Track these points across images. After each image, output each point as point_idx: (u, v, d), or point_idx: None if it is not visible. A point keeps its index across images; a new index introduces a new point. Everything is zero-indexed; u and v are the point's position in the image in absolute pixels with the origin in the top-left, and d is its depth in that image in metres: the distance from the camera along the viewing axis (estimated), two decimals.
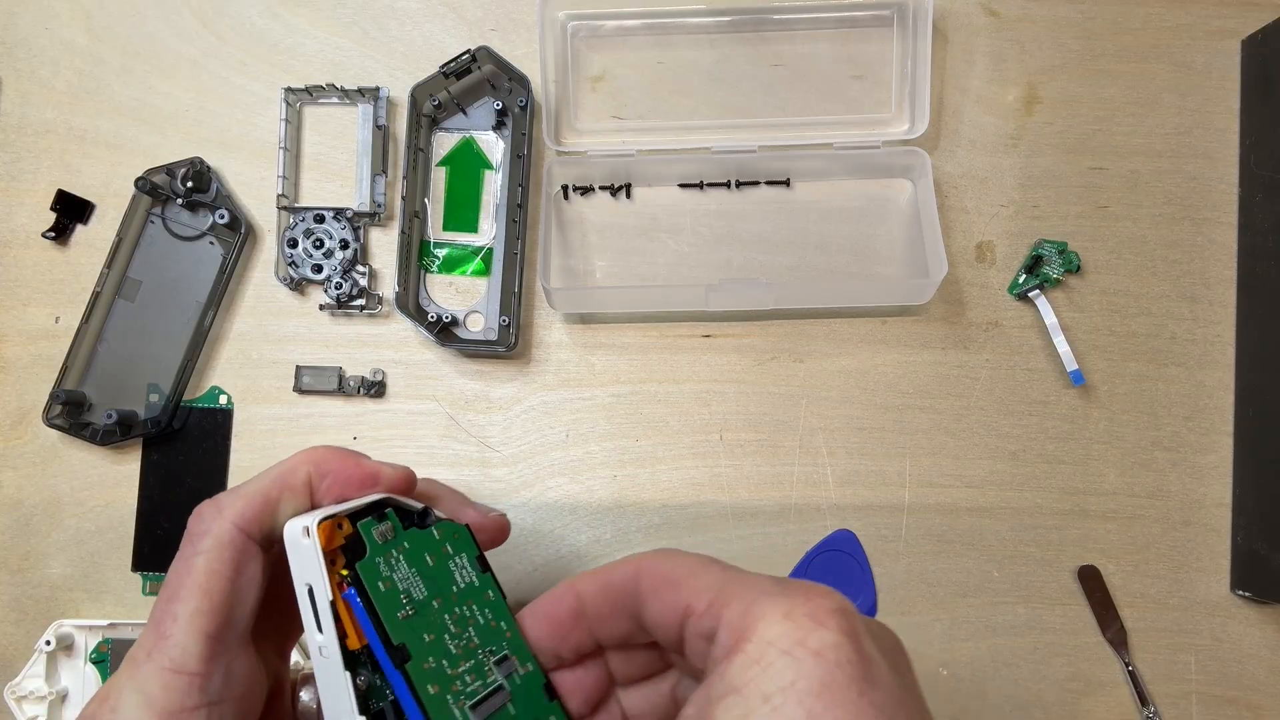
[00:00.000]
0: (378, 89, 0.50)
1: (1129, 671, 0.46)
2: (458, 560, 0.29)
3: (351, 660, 0.27)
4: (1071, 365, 0.48)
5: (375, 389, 0.49)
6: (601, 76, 0.51)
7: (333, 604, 0.27)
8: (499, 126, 0.50)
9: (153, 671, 0.27)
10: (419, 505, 0.30)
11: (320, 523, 0.27)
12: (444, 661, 0.27)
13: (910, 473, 0.48)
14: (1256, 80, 0.49)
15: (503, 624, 0.29)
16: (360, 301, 0.49)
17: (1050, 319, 0.48)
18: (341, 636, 0.27)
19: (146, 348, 0.49)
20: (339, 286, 0.49)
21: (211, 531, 0.29)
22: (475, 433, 0.49)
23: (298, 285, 0.50)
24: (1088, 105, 0.50)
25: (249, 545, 0.29)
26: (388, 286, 0.50)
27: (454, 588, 0.29)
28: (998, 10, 0.51)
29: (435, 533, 0.29)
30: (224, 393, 0.50)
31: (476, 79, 0.50)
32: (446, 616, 0.28)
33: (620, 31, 0.51)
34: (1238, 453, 0.48)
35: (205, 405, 0.49)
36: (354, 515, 0.28)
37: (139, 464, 0.49)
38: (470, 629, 0.28)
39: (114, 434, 0.48)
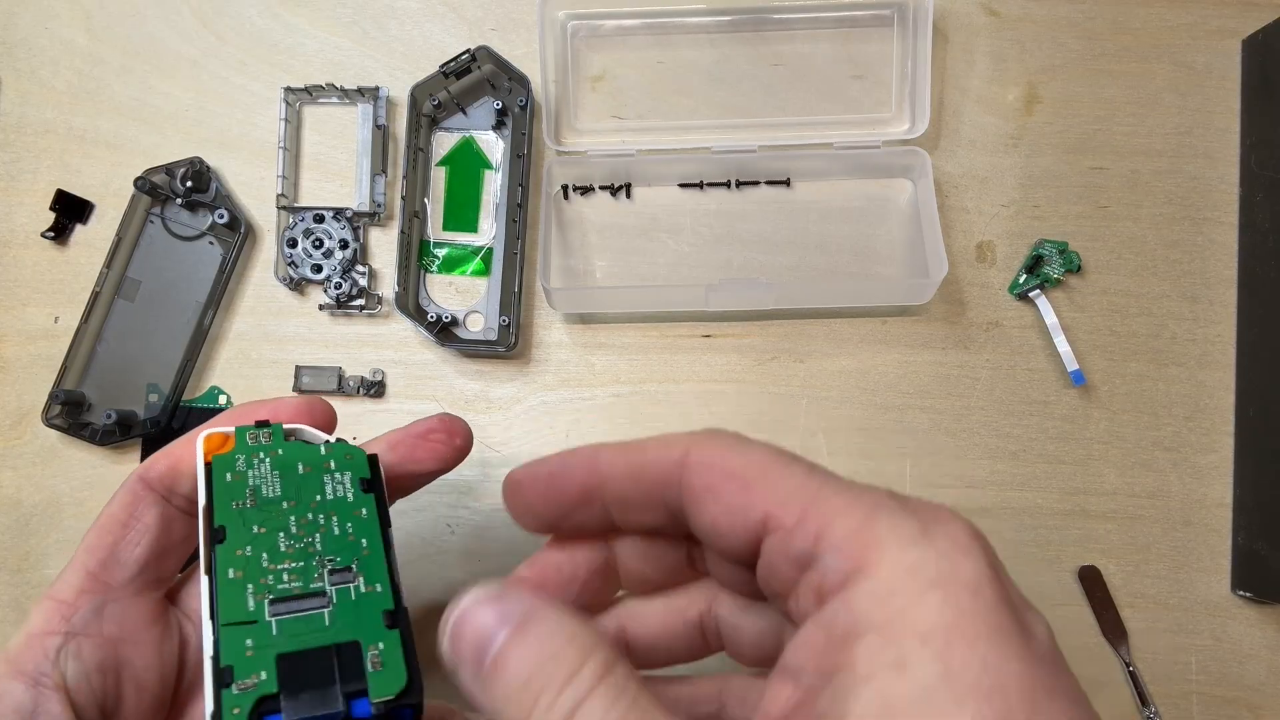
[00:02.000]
0: (378, 89, 0.50)
1: (1129, 672, 0.46)
2: (338, 476, 0.28)
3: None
4: (1072, 365, 0.48)
5: (375, 389, 0.49)
6: (601, 76, 0.51)
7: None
8: (499, 126, 0.50)
9: (39, 600, 0.28)
10: (326, 436, 0.30)
11: (207, 435, 0.28)
12: (264, 554, 0.26)
13: (910, 473, 0.48)
14: (1256, 80, 0.49)
15: (364, 541, 0.27)
16: (360, 301, 0.49)
17: (1051, 319, 0.48)
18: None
19: (146, 348, 0.49)
20: (339, 286, 0.49)
21: (122, 485, 0.30)
22: (475, 433, 0.49)
23: (297, 285, 0.50)
24: (1088, 105, 0.50)
25: (146, 493, 0.30)
26: (387, 286, 0.50)
27: (318, 497, 0.27)
28: (998, 10, 0.51)
29: (323, 449, 0.29)
30: (224, 393, 0.49)
31: (476, 79, 0.50)
32: (293, 518, 0.27)
33: (620, 31, 0.51)
34: (1238, 453, 0.48)
35: (205, 405, 0.49)
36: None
37: (138, 464, 0.49)
38: (317, 535, 0.26)
39: (113, 434, 0.48)
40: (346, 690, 0.23)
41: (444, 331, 0.48)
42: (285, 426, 0.30)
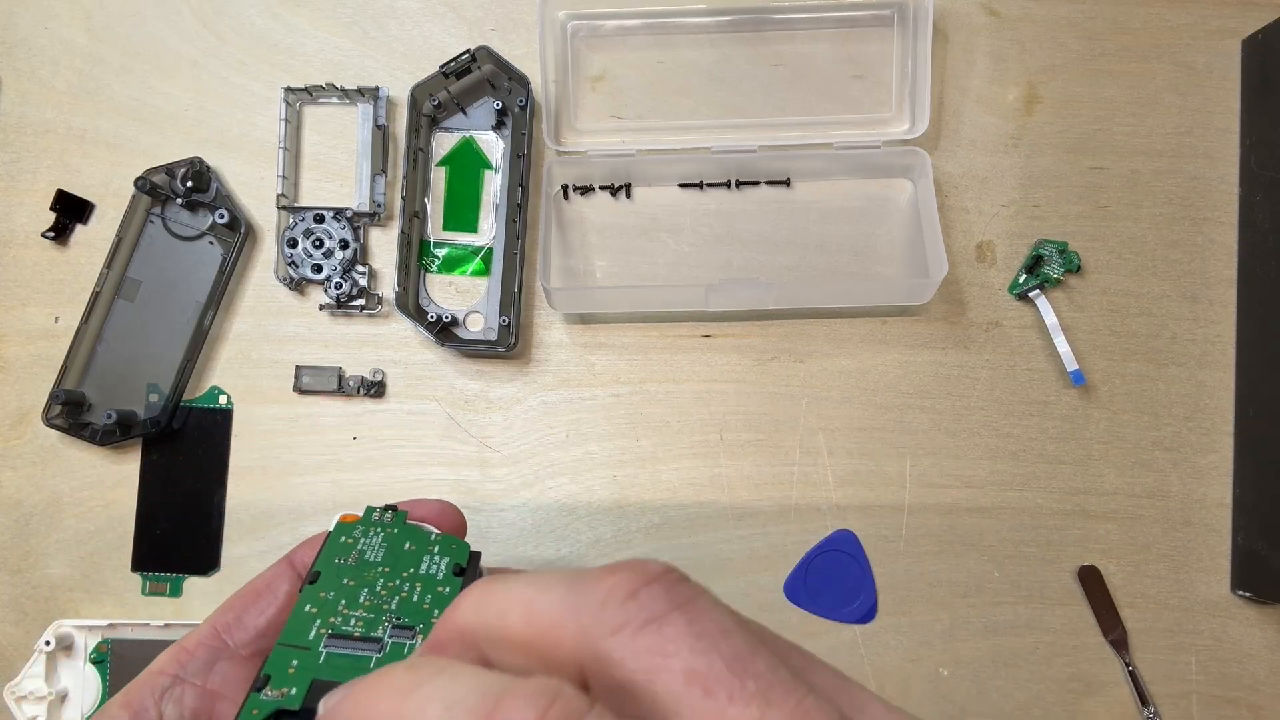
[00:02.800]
0: (378, 89, 0.50)
1: (1129, 672, 0.46)
2: (436, 558, 0.30)
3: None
4: (1072, 365, 0.48)
5: (375, 389, 0.49)
6: (601, 76, 0.51)
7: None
8: (499, 126, 0.50)
9: (171, 646, 0.31)
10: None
11: (344, 514, 0.32)
12: (343, 601, 0.28)
13: (910, 473, 0.48)
14: (1256, 80, 0.49)
15: (437, 612, 0.28)
16: (360, 301, 0.49)
17: (1050, 319, 0.48)
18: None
19: (146, 348, 0.49)
20: (339, 286, 0.49)
21: (275, 562, 0.33)
22: (475, 433, 0.49)
23: (297, 285, 0.50)
24: (1088, 105, 0.50)
25: (288, 571, 0.33)
26: (388, 286, 0.50)
27: (411, 569, 0.30)
28: (998, 10, 0.51)
29: (432, 535, 0.31)
30: (224, 393, 0.49)
31: (476, 79, 0.50)
32: (383, 580, 0.29)
33: (620, 31, 0.51)
34: (1238, 453, 0.48)
35: (205, 405, 0.49)
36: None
37: (139, 464, 0.49)
38: (397, 598, 0.28)
39: (114, 434, 0.48)
40: None
41: (444, 331, 0.48)
42: (415, 520, 0.33)
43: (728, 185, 0.50)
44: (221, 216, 0.48)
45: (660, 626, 0.20)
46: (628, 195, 0.51)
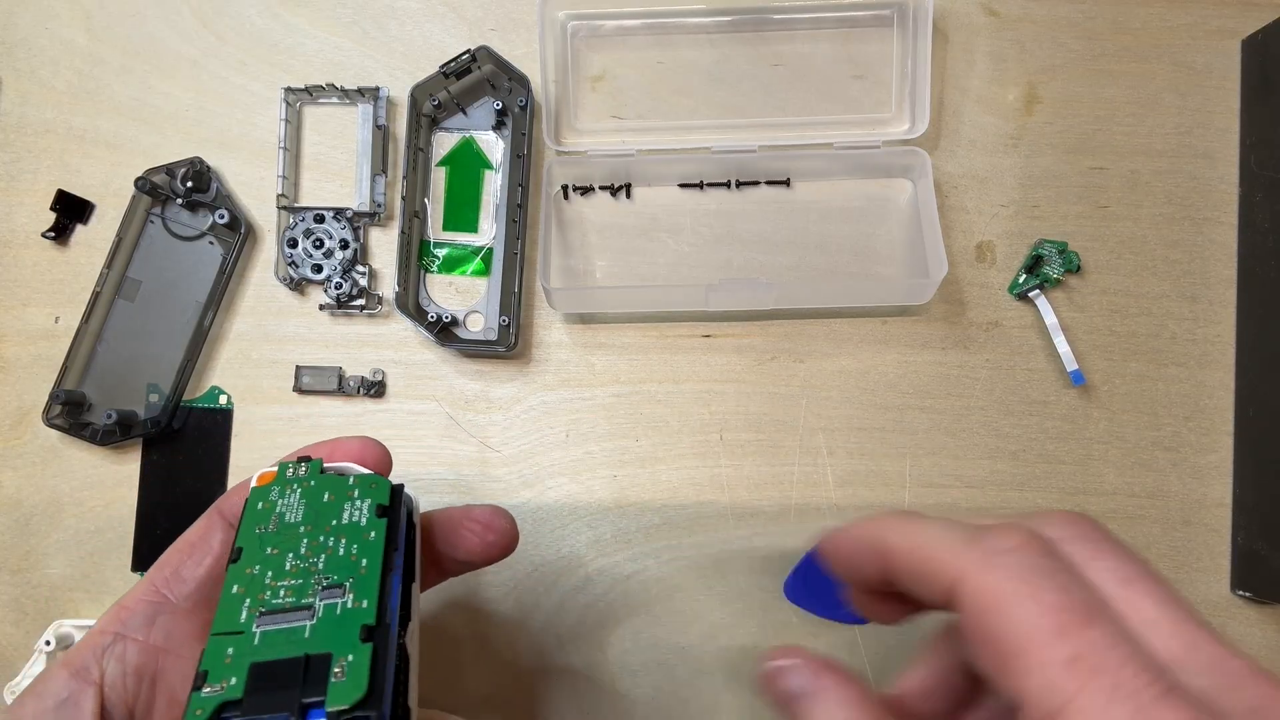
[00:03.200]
0: (378, 89, 0.50)
1: None
2: (357, 503, 0.29)
3: None
4: (1071, 365, 0.48)
5: (375, 389, 0.49)
6: (601, 76, 0.51)
7: None
8: (499, 126, 0.50)
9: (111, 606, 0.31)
10: (368, 471, 0.31)
11: (261, 472, 0.31)
12: (269, 572, 0.27)
13: (910, 473, 0.48)
14: (1256, 80, 0.49)
15: (364, 561, 0.27)
16: (360, 301, 0.49)
17: (1050, 319, 0.48)
18: None
19: (146, 348, 0.49)
20: (339, 286, 0.49)
21: (204, 513, 0.33)
22: (475, 433, 0.49)
23: (298, 285, 0.50)
24: (1088, 105, 0.50)
25: (219, 521, 0.32)
26: (388, 286, 0.50)
27: (334, 521, 0.28)
28: (998, 10, 0.51)
29: (350, 480, 0.30)
30: (224, 393, 0.49)
31: (476, 79, 0.50)
32: (306, 540, 0.28)
33: (620, 31, 0.51)
34: (1238, 453, 0.48)
35: (205, 405, 0.49)
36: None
37: (139, 464, 0.49)
38: (322, 556, 0.27)
39: (114, 434, 0.48)
40: (306, 699, 0.23)
41: (444, 331, 0.48)
42: (334, 464, 0.31)
43: (728, 185, 0.50)
44: (221, 216, 0.48)
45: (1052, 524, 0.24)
46: (628, 195, 0.51)
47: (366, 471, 0.31)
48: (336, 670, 0.24)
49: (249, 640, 0.25)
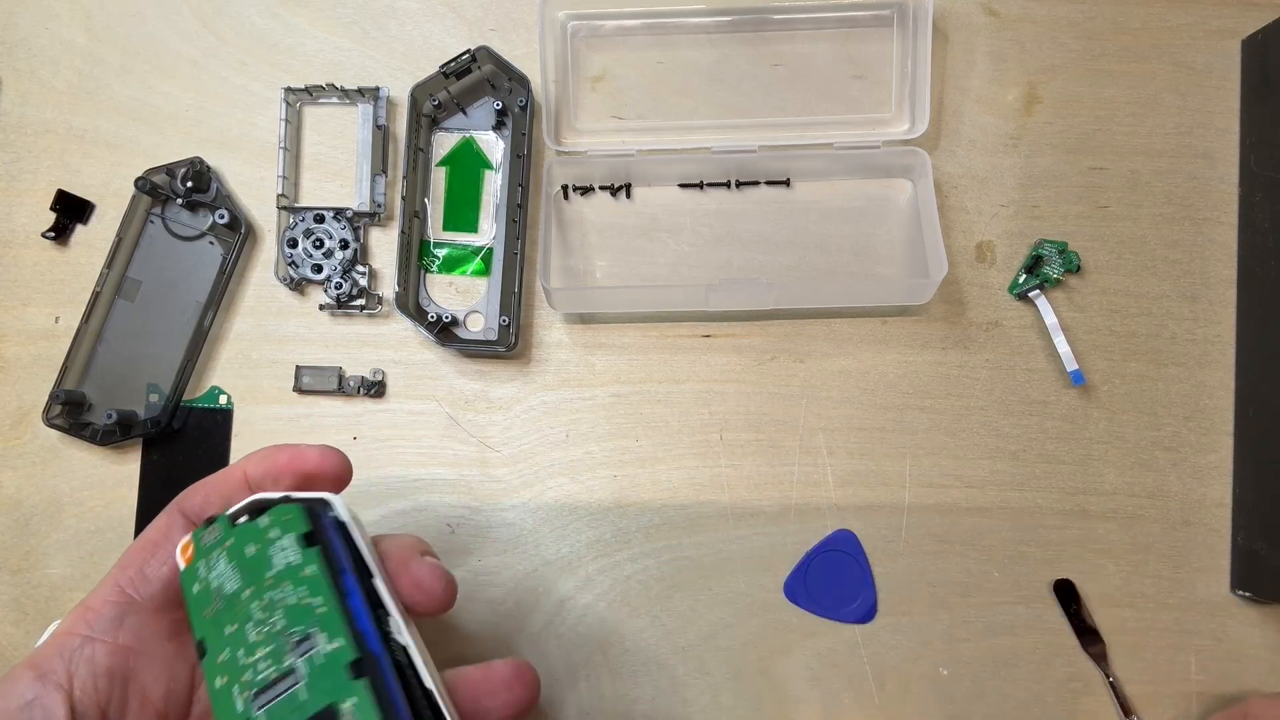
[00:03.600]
0: (378, 89, 0.50)
1: (1109, 683, 0.46)
2: (281, 543, 0.28)
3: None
4: (1071, 365, 0.48)
5: (375, 389, 0.49)
6: (601, 76, 0.51)
7: None
8: (499, 126, 0.50)
9: (75, 606, 0.31)
10: (277, 496, 0.31)
11: (182, 545, 0.30)
12: (240, 651, 0.27)
13: (910, 473, 0.48)
14: (1256, 80, 0.49)
15: (318, 599, 0.27)
16: (360, 301, 0.49)
17: (1050, 319, 0.48)
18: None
19: (146, 348, 0.49)
20: (339, 286, 0.49)
21: (163, 510, 0.33)
22: (475, 433, 0.49)
23: (298, 285, 0.50)
24: (1088, 105, 0.50)
25: (180, 520, 0.32)
26: (388, 286, 0.50)
27: (268, 572, 0.28)
28: (998, 10, 0.51)
29: (265, 520, 0.29)
30: (224, 393, 0.50)
31: (476, 79, 0.50)
32: (255, 604, 0.27)
33: (620, 31, 0.51)
34: (1238, 453, 0.48)
35: (205, 405, 0.49)
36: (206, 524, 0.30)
37: (139, 464, 0.49)
38: (278, 612, 0.27)
39: (114, 434, 0.48)
40: None
41: (444, 331, 0.48)
42: (257, 498, 0.31)
43: (728, 185, 0.50)
44: (222, 216, 0.48)
45: None
46: (628, 195, 0.51)
47: (276, 498, 0.30)
48: (347, 715, 0.24)
49: None
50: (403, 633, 0.28)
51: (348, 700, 0.24)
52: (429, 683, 0.27)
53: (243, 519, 0.29)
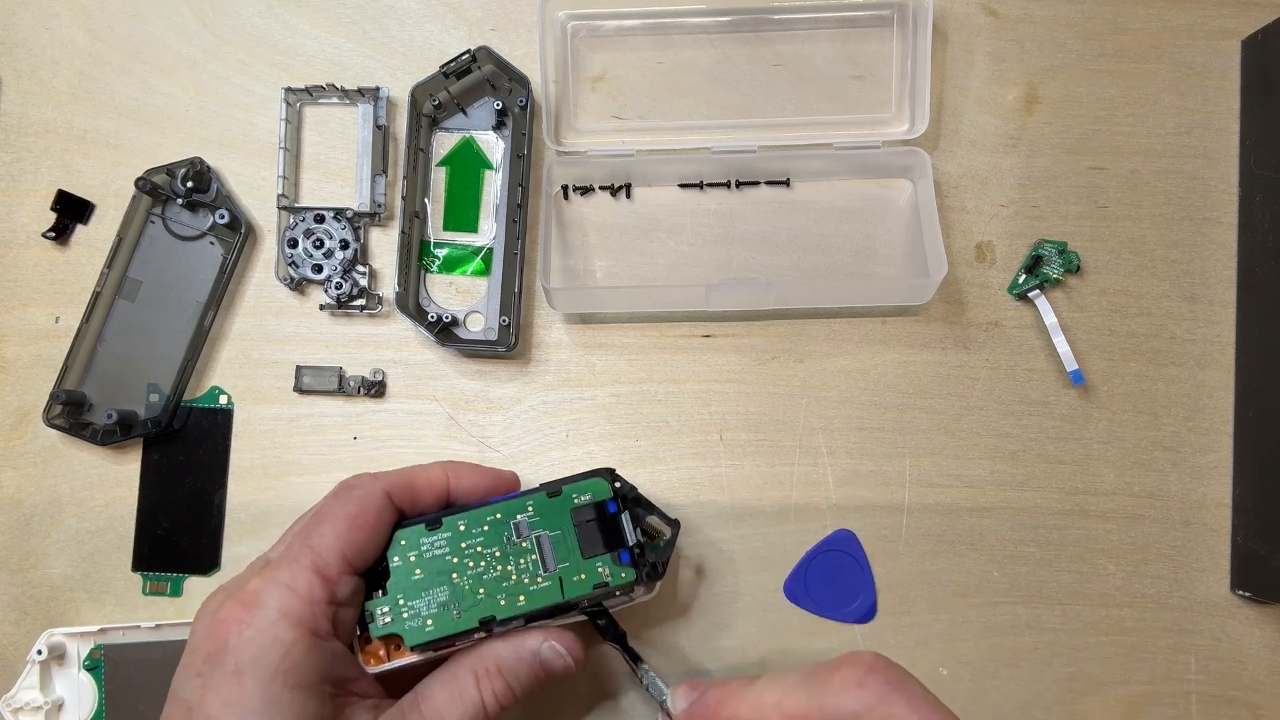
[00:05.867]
0: (378, 89, 0.50)
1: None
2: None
3: None
4: (1071, 365, 0.48)
5: (375, 389, 0.49)
6: (601, 76, 0.51)
7: None
8: (499, 126, 0.50)
9: (298, 570, 0.33)
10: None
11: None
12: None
13: (910, 473, 0.48)
14: (1256, 80, 0.49)
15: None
16: (360, 301, 0.49)
17: (1050, 319, 0.48)
18: None
19: (146, 348, 0.49)
20: (339, 286, 0.49)
21: (365, 485, 0.37)
22: (475, 433, 0.49)
23: (298, 285, 0.50)
24: (1088, 105, 0.50)
25: (390, 507, 0.37)
26: (388, 286, 0.50)
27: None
28: (998, 10, 0.51)
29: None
30: (224, 393, 0.50)
31: (476, 79, 0.50)
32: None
33: (620, 31, 0.51)
34: (1238, 453, 0.48)
35: (205, 405, 0.49)
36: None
37: (139, 464, 0.49)
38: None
39: (114, 434, 0.48)
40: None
41: (444, 331, 0.48)
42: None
43: (728, 185, 0.50)
44: (222, 217, 0.48)
45: (889, 706, 0.30)
46: (628, 195, 0.51)
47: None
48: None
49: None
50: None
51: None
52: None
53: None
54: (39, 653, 0.45)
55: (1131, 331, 0.49)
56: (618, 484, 0.40)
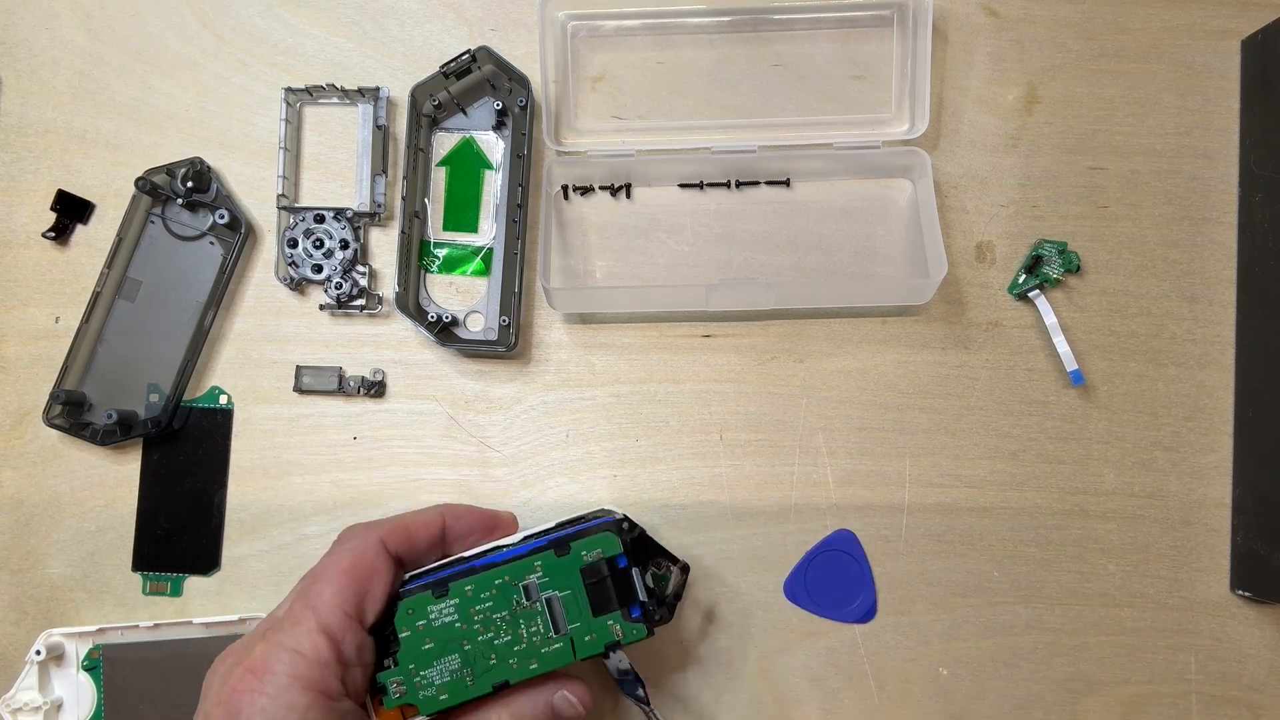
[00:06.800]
0: (378, 89, 0.50)
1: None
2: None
3: None
4: (1071, 365, 0.48)
5: (375, 389, 0.49)
6: (601, 76, 0.51)
7: None
8: (499, 126, 0.50)
9: (302, 633, 0.34)
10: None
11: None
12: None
13: (910, 473, 0.48)
14: (1256, 80, 0.49)
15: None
16: (360, 301, 0.49)
17: (1050, 319, 0.48)
18: None
19: (146, 348, 0.49)
20: (339, 286, 0.49)
21: (359, 536, 0.37)
22: (475, 433, 0.49)
23: (298, 285, 0.50)
24: (1088, 105, 0.50)
25: (386, 556, 0.37)
26: (388, 286, 0.50)
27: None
28: (998, 10, 0.51)
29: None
30: (224, 393, 0.50)
31: (476, 79, 0.50)
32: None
33: (620, 31, 0.51)
34: (1238, 453, 0.48)
35: (205, 405, 0.49)
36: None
37: (139, 464, 0.49)
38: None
39: (114, 434, 0.48)
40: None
41: (444, 331, 0.48)
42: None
43: (728, 185, 0.50)
44: (222, 217, 0.48)
45: None
46: (628, 195, 0.51)
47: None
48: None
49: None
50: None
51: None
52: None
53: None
54: (37, 653, 0.45)
55: (1131, 331, 0.49)
56: (627, 531, 0.39)
